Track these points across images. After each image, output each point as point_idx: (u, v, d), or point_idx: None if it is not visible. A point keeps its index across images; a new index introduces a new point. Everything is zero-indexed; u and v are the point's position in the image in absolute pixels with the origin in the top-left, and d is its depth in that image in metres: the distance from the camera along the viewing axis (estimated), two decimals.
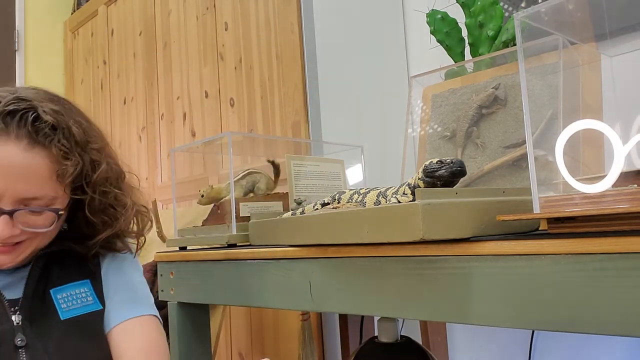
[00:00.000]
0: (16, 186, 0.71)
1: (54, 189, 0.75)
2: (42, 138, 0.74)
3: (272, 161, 1.23)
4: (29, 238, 0.76)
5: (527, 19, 0.63)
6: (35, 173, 0.73)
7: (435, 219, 0.62)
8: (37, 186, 0.73)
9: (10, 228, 0.72)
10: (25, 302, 0.77)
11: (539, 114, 0.78)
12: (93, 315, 0.81)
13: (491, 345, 1.42)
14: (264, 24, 1.70)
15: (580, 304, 0.52)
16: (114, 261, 0.87)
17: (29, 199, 0.73)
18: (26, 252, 0.77)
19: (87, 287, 0.83)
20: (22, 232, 0.74)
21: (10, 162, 0.71)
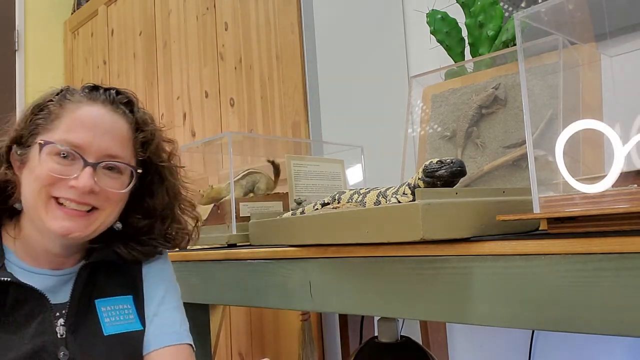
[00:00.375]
0: (102, 141, 0.77)
1: (131, 154, 0.81)
2: (124, 107, 0.82)
3: (272, 161, 1.23)
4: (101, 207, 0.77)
5: (527, 19, 0.63)
6: (119, 132, 0.79)
7: (435, 219, 0.62)
8: (119, 145, 0.79)
9: (93, 181, 0.75)
10: (71, 309, 0.77)
11: (539, 114, 0.78)
12: (134, 335, 0.81)
13: (491, 345, 1.42)
14: (264, 24, 1.70)
15: (580, 304, 0.52)
16: (153, 268, 0.88)
17: (111, 156, 0.78)
18: (95, 224, 0.78)
19: (129, 303, 0.83)
20: (100, 192, 0.76)
21: (98, 118, 0.78)
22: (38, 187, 0.74)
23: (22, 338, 0.72)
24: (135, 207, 0.85)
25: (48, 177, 0.74)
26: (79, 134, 0.76)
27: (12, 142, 0.79)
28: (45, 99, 0.80)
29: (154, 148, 0.84)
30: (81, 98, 0.79)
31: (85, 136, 0.76)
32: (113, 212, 0.80)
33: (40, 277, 0.77)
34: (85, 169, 0.75)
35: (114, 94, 0.82)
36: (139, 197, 0.85)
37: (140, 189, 0.84)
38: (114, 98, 0.81)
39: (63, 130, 0.76)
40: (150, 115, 0.86)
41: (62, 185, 0.74)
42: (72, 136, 0.76)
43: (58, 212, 0.74)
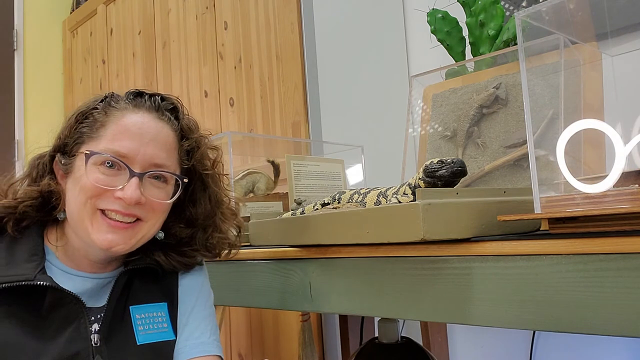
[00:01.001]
0: (147, 149, 0.75)
1: (176, 163, 0.80)
2: (169, 113, 0.81)
3: (272, 161, 1.23)
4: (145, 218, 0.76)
5: (528, 18, 0.63)
6: (165, 141, 0.78)
7: (436, 219, 0.62)
8: (165, 153, 0.77)
9: (140, 192, 0.74)
10: (107, 314, 0.76)
11: (540, 113, 0.78)
12: (166, 344, 0.80)
13: (492, 345, 1.42)
14: (264, 23, 1.69)
15: (581, 304, 0.52)
16: (189, 277, 0.86)
17: (157, 165, 0.76)
18: (138, 236, 0.76)
19: (164, 311, 0.82)
20: (146, 202, 0.75)
21: (143, 126, 0.76)
22: (84, 199, 0.73)
23: (56, 343, 0.71)
24: (177, 215, 0.83)
25: (94, 188, 0.73)
26: (124, 143, 0.74)
27: (56, 150, 0.78)
28: (90, 107, 0.78)
29: (198, 156, 0.83)
30: (126, 105, 0.78)
31: (131, 145, 0.74)
32: (157, 223, 0.79)
33: (79, 279, 0.77)
34: (132, 179, 0.73)
35: (159, 100, 0.80)
36: (181, 206, 0.84)
37: (183, 198, 0.83)
38: (159, 104, 0.80)
39: (109, 140, 0.75)
40: (195, 122, 0.84)
41: (108, 197, 0.73)
42: (118, 145, 0.74)
43: (103, 225, 0.73)
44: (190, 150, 0.82)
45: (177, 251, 0.83)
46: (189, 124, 0.83)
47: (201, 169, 0.83)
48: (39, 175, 0.79)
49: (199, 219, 0.84)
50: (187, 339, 0.81)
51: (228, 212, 0.88)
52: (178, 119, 0.81)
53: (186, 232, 0.84)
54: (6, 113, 2.59)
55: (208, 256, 0.87)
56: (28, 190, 0.77)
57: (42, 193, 0.77)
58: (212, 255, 0.88)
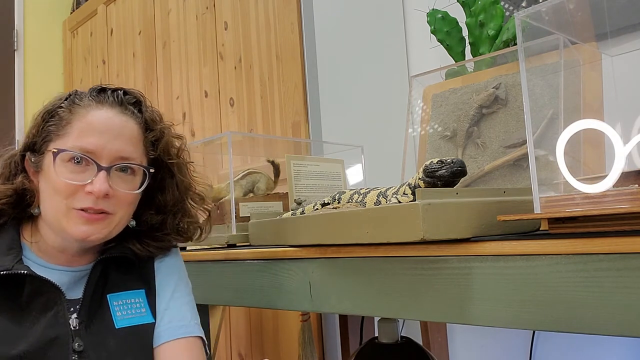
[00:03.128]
0: (113, 144, 0.78)
1: (142, 154, 0.83)
2: (132, 107, 0.83)
3: (272, 161, 1.23)
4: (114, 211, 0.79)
5: (528, 19, 0.63)
6: (130, 134, 0.81)
7: (435, 219, 0.62)
8: (131, 146, 0.80)
9: (108, 185, 0.76)
10: (84, 304, 0.78)
11: (540, 113, 0.78)
12: (145, 327, 0.82)
13: (491, 345, 1.42)
14: (264, 23, 1.69)
15: (580, 304, 0.52)
16: (165, 262, 0.89)
17: (123, 158, 0.79)
18: (111, 226, 0.79)
19: (141, 297, 0.84)
20: (114, 195, 0.78)
21: (108, 122, 0.79)
22: (59, 200, 0.76)
23: (35, 329, 0.74)
24: (147, 203, 0.86)
25: (66, 187, 0.75)
26: (90, 139, 0.77)
27: (26, 149, 0.81)
28: (55, 105, 0.81)
29: (163, 146, 0.85)
30: (89, 102, 0.80)
31: (97, 141, 0.77)
32: (127, 214, 0.81)
33: (55, 272, 0.79)
34: (100, 173, 0.76)
35: (121, 95, 0.83)
36: (151, 194, 0.87)
37: (152, 186, 0.86)
38: (122, 99, 0.82)
39: (75, 137, 0.77)
40: (158, 113, 0.87)
41: (80, 195, 0.76)
42: (84, 142, 0.77)
43: (78, 219, 0.76)
44: (155, 140, 0.84)
45: (150, 237, 0.86)
46: (153, 115, 0.85)
47: (167, 158, 0.86)
48: (12, 173, 0.81)
49: (169, 205, 0.88)
50: (169, 321, 0.83)
51: (196, 197, 0.92)
52: (141, 112, 0.84)
53: (157, 218, 0.87)
54: (6, 113, 2.59)
55: (180, 240, 0.90)
56: (3, 189, 0.80)
57: (17, 191, 0.80)
58: (184, 239, 0.91)
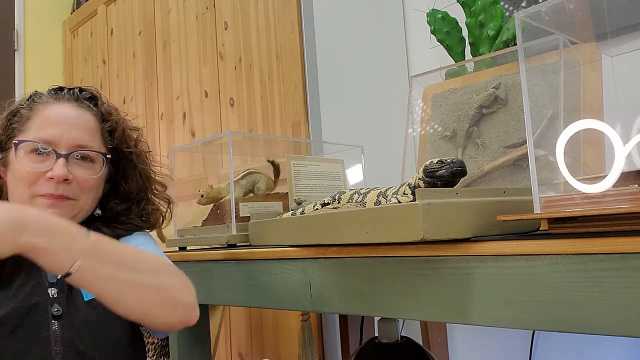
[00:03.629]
0: (70, 133, 0.85)
1: (100, 143, 0.90)
2: (88, 102, 0.91)
3: (272, 161, 1.23)
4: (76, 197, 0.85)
5: (528, 19, 0.63)
6: (86, 124, 0.88)
7: (435, 219, 0.62)
8: (87, 135, 0.88)
9: (67, 170, 0.83)
10: (59, 280, 0.82)
11: (540, 113, 0.78)
12: None
13: (491, 345, 1.42)
14: (264, 23, 1.69)
15: (580, 304, 0.52)
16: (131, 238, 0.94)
17: (81, 146, 0.86)
18: (74, 211, 0.86)
19: None
20: (74, 181, 0.85)
21: (64, 113, 0.87)
22: (22, 188, 0.84)
23: (17, 298, 0.80)
24: (112, 193, 0.94)
25: (28, 174, 0.83)
26: (49, 130, 0.85)
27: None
28: (17, 105, 0.90)
29: (120, 135, 0.93)
30: (48, 99, 0.89)
31: (55, 131, 0.85)
32: (90, 199, 0.88)
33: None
34: (59, 160, 0.83)
35: (77, 92, 0.92)
36: (115, 184, 0.94)
37: (116, 176, 0.94)
38: (78, 95, 0.91)
39: (35, 130, 0.85)
40: (114, 107, 0.96)
41: (42, 182, 0.83)
42: (43, 133, 0.84)
43: (42, 204, 0.83)
44: (111, 131, 0.92)
45: (115, 221, 0.94)
46: (108, 108, 0.94)
47: (125, 147, 0.94)
48: None
49: (133, 192, 0.95)
50: None
51: (158, 186, 1.00)
52: (97, 106, 0.92)
53: (122, 206, 0.95)
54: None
55: (145, 226, 0.98)
56: None
57: None
58: (147, 225, 0.99)
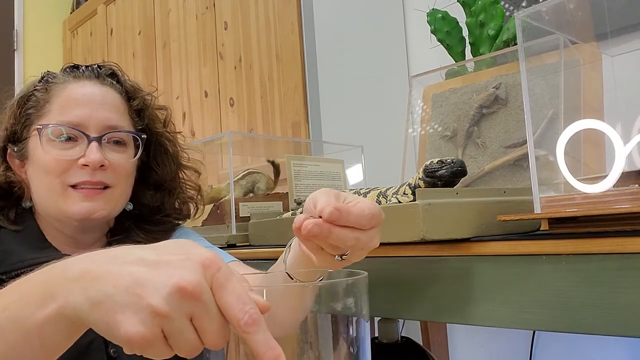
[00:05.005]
0: (98, 114, 0.75)
1: (129, 123, 0.80)
2: (110, 78, 0.80)
3: (272, 161, 1.23)
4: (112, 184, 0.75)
5: (528, 19, 0.63)
6: (113, 103, 0.78)
7: (435, 219, 0.62)
8: (116, 114, 0.77)
9: (101, 154, 0.73)
10: None
11: (540, 113, 0.78)
12: None
13: (492, 345, 1.42)
14: (264, 23, 1.69)
15: (581, 304, 0.52)
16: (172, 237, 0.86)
17: (112, 127, 0.76)
18: (112, 202, 0.76)
19: None
20: (109, 167, 0.75)
21: (88, 93, 0.76)
22: (51, 179, 0.72)
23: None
24: (144, 182, 0.83)
25: (57, 164, 0.72)
26: (74, 112, 0.74)
27: (6, 140, 0.77)
28: (30, 89, 0.78)
29: (149, 114, 0.83)
30: (65, 78, 0.77)
31: (82, 113, 0.74)
32: (127, 187, 0.78)
33: None
34: (91, 144, 0.73)
35: (97, 68, 0.80)
36: (147, 172, 0.83)
37: (147, 163, 0.83)
38: (98, 72, 0.80)
39: (57, 113, 0.74)
40: (138, 83, 0.84)
41: (74, 170, 0.72)
42: (68, 115, 0.73)
43: (77, 197, 0.72)
44: (140, 110, 0.81)
45: (151, 222, 0.83)
46: (133, 84, 0.83)
47: (154, 128, 0.83)
48: None
49: (167, 180, 0.84)
50: None
51: (189, 172, 0.89)
52: (120, 83, 0.81)
53: (155, 197, 0.83)
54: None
55: (180, 218, 0.87)
56: None
57: (1, 185, 0.76)
58: (183, 216, 0.88)
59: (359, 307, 0.39)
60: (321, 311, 0.38)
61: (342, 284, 0.39)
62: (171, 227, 0.85)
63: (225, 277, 0.36)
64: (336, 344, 0.37)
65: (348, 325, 0.38)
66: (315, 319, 0.39)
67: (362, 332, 0.39)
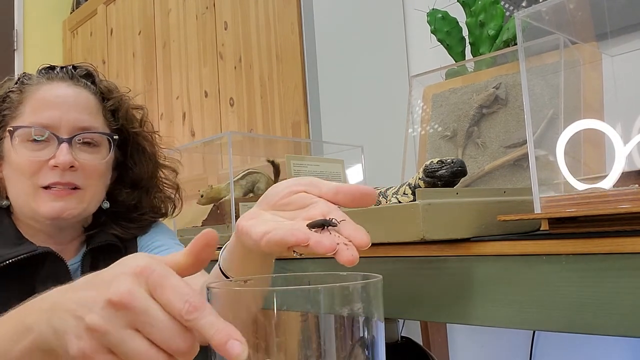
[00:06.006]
0: (70, 114, 0.76)
1: (103, 124, 0.80)
2: (84, 79, 0.81)
3: (272, 161, 1.23)
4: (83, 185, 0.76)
5: (528, 18, 0.63)
6: (85, 104, 0.78)
7: (435, 219, 0.62)
8: (89, 116, 0.78)
9: (71, 155, 0.74)
10: None
11: (540, 113, 0.78)
12: None
13: (492, 345, 1.42)
14: (264, 23, 1.69)
15: (581, 304, 0.52)
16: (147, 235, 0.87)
17: (83, 128, 0.77)
18: (84, 202, 0.77)
19: None
20: (80, 168, 0.75)
21: (60, 94, 0.77)
22: (24, 180, 0.74)
23: None
24: (121, 181, 0.85)
25: (29, 164, 0.74)
26: (45, 114, 0.75)
27: None
28: (5, 90, 0.81)
29: (124, 115, 0.84)
30: (39, 79, 0.80)
31: (53, 114, 0.75)
32: (100, 187, 0.80)
33: None
34: (61, 145, 0.74)
35: (71, 69, 0.81)
36: (123, 170, 0.85)
37: (123, 162, 0.85)
38: (72, 73, 0.81)
39: (29, 114, 0.76)
40: (113, 84, 0.86)
41: (45, 171, 0.74)
42: (40, 117, 0.75)
43: (47, 197, 0.74)
44: (114, 110, 0.82)
45: (127, 219, 0.85)
46: (108, 85, 0.84)
47: (130, 128, 0.84)
48: None
49: (143, 179, 0.86)
50: None
51: (167, 171, 0.91)
52: (95, 83, 0.82)
53: (132, 196, 0.85)
54: None
55: (157, 216, 0.89)
56: None
57: None
58: (160, 215, 0.90)
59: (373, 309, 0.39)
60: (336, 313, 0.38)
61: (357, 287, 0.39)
62: (148, 223, 0.87)
63: (161, 277, 0.37)
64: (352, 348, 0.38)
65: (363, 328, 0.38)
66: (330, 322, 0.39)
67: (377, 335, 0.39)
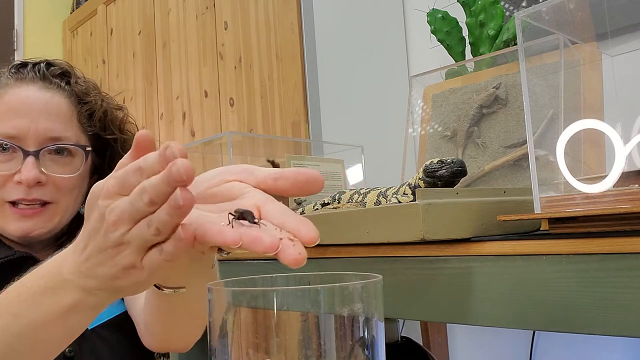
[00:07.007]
0: (39, 123, 0.68)
1: (78, 131, 0.73)
2: (58, 79, 0.73)
3: (272, 161, 1.23)
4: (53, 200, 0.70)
5: (528, 18, 0.63)
6: (57, 111, 0.71)
7: (435, 219, 0.62)
8: (60, 124, 0.71)
9: (37, 171, 0.67)
10: None
11: (540, 113, 0.78)
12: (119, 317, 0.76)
13: (492, 345, 1.42)
14: (264, 23, 1.69)
15: (581, 304, 0.52)
16: None
17: (54, 139, 0.70)
18: (56, 218, 0.71)
19: None
20: (48, 182, 0.69)
21: (29, 99, 0.69)
22: None
23: None
24: None
25: None
26: (11, 123, 0.68)
27: None
28: None
29: (101, 118, 0.76)
30: (7, 81, 0.72)
31: (20, 123, 0.68)
32: (73, 200, 0.73)
33: None
34: (27, 159, 0.67)
35: (43, 68, 0.73)
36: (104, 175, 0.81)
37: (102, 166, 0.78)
38: (44, 73, 0.73)
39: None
40: (93, 83, 0.78)
41: (10, 186, 0.68)
42: (5, 126, 0.68)
43: (12, 215, 0.68)
44: (91, 114, 0.74)
45: None
46: (84, 86, 0.76)
47: (109, 134, 0.77)
48: None
49: None
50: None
51: None
52: (69, 84, 0.74)
53: None
54: None
55: None
56: None
57: None
58: None
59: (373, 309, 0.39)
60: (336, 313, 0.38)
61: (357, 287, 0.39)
62: None
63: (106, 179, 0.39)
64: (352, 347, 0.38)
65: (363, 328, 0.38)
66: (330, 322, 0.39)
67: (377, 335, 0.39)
